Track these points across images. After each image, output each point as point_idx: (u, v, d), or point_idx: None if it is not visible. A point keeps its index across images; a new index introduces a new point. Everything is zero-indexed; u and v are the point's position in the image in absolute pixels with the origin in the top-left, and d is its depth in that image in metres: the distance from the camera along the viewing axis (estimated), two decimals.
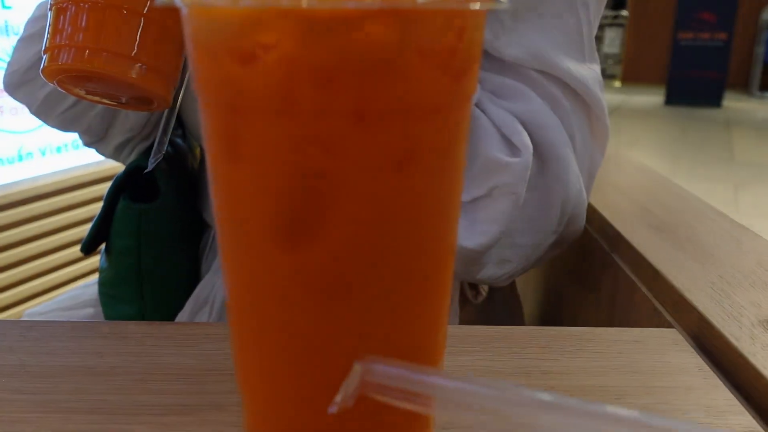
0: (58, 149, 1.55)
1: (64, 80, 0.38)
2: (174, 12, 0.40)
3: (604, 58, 8.28)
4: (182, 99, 0.49)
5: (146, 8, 0.37)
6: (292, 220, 0.20)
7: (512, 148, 0.47)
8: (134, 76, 0.37)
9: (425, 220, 0.22)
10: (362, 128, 0.20)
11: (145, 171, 0.46)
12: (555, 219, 0.49)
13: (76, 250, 1.57)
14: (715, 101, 6.79)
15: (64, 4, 0.37)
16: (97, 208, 0.64)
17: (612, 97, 7.05)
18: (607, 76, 8.32)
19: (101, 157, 0.72)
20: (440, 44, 0.20)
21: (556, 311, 0.69)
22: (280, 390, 0.24)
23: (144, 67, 0.37)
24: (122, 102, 0.42)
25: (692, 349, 0.37)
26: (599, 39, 8.07)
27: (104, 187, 1.54)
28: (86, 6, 0.36)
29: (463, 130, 0.23)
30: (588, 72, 0.50)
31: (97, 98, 0.41)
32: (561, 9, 0.50)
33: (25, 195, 1.43)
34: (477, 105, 0.49)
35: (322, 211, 0.20)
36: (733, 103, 7.00)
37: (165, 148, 0.42)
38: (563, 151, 0.48)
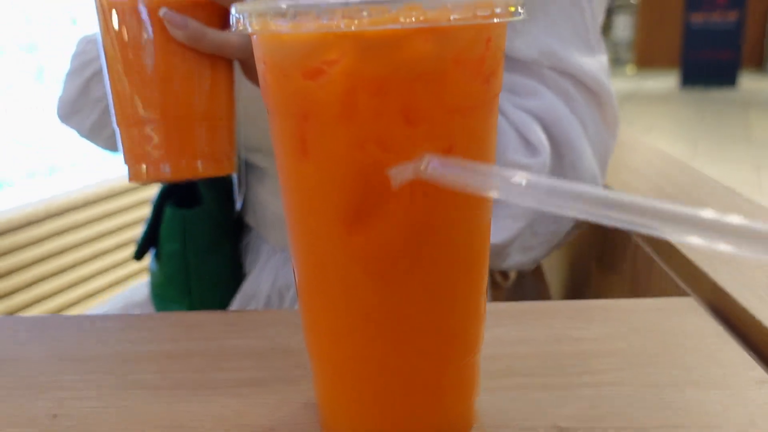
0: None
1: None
2: (229, 109, 0.45)
3: (615, 45, 8.23)
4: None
5: (210, 114, 0.43)
6: (355, 206, 0.24)
7: (529, 146, 0.50)
8: (211, 172, 0.44)
9: (467, 200, 0.25)
10: (411, 126, 0.23)
11: (237, 209, 0.51)
12: None
13: (111, 258, 1.63)
14: (730, 81, 6.73)
15: (133, 122, 0.43)
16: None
17: (625, 82, 7.01)
18: (619, 61, 8.27)
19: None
20: (471, 53, 0.24)
21: (581, 290, 0.72)
22: (344, 355, 0.28)
23: (214, 161, 0.44)
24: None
25: (708, 315, 0.41)
26: (609, 25, 8.04)
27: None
28: (158, 123, 0.42)
29: (493, 122, 0.26)
30: (595, 63, 0.54)
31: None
32: (566, 5, 0.53)
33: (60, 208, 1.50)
34: None
35: (381, 197, 0.24)
36: (748, 82, 6.93)
37: (245, 186, 0.47)
38: (578, 143, 0.52)
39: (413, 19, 0.21)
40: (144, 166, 0.43)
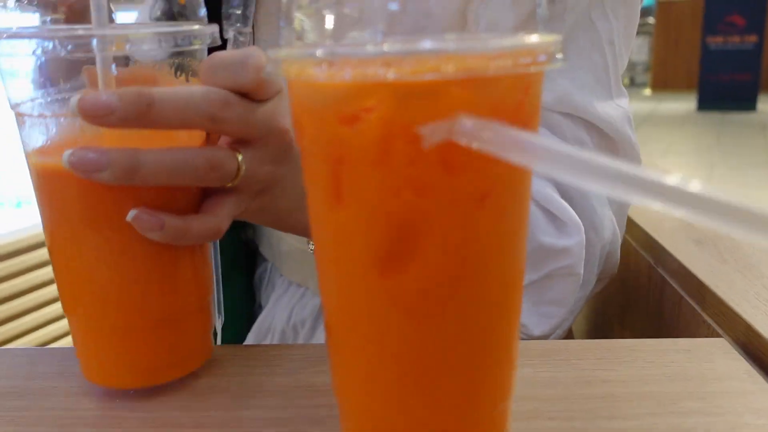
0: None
1: None
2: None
3: (632, 66, 8.22)
4: None
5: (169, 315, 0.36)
6: (389, 251, 0.24)
7: (558, 223, 0.47)
8: (179, 374, 0.37)
9: (502, 246, 0.25)
10: (447, 173, 0.23)
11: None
12: (596, 266, 0.51)
13: None
14: (749, 105, 6.68)
15: (78, 314, 0.36)
16: None
17: (642, 105, 6.99)
18: (636, 84, 8.25)
19: None
20: (509, 100, 0.24)
21: (606, 324, 0.71)
22: (375, 399, 0.27)
23: (187, 360, 0.37)
24: None
25: (740, 357, 0.40)
26: None
27: None
28: (113, 326, 0.35)
29: (528, 170, 0.26)
30: (615, 110, 0.51)
31: None
32: (587, 49, 0.51)
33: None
34: None
35: (415, 242, 0.24)
36: (767, 105, 6.88)
37: (222, 312, 0.44)
38: (596, 201, 0.49)
39: (453, 68, 0.21)
40: (93, 366, 0.36)
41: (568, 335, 0.65)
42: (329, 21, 0.25)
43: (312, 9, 0.26)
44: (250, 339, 0.65)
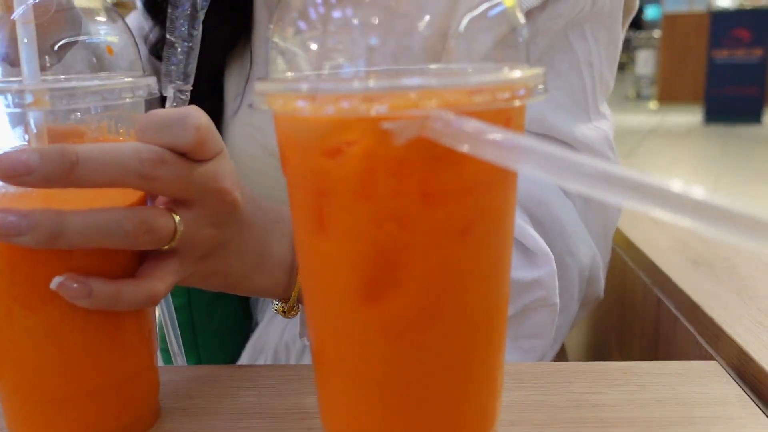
0: None
1: None
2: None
3: (638, 80, 8.23)
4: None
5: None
6: (371, 281, 0.24)
7: (528, 254, 0.46)
8: None
9: (484, 276, 0.25)
10: (429, 205, 0.24)
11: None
12: (576, 290, 0.50)
13: None
14: (755, 118, 6.67)
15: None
16: None
17: (648, 118, 6.99)
18: (642, 97, 8.25)
19: None
20: None
21: (602, 343, 0.71)
22: (359, 426, 0.28)
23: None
24: None
25: (733, 381, 0.40)
26: (632, 61, 8.02)
27: None
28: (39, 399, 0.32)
29: (511, 199, 0.26)
30: (595, 132, 0.51)
31: None
32: (564, 69, 0.50)
33: None
34: None
35: (397, 272, 0.24)
36: None
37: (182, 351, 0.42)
38: (570, 224, 0.49)
39: (435, 104, 0.21)
40: None
41: (561, 353, 0.65)
42: (314, 51, 0.26)
43: (297, 40, 0.26)
44: (245, 357, 0.65)
